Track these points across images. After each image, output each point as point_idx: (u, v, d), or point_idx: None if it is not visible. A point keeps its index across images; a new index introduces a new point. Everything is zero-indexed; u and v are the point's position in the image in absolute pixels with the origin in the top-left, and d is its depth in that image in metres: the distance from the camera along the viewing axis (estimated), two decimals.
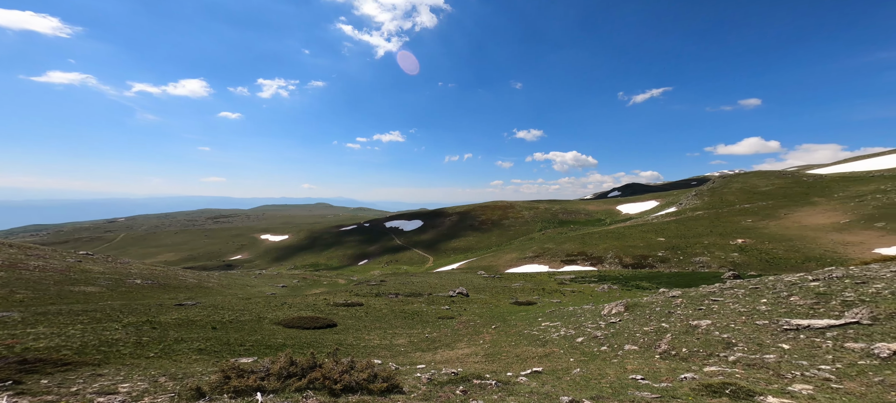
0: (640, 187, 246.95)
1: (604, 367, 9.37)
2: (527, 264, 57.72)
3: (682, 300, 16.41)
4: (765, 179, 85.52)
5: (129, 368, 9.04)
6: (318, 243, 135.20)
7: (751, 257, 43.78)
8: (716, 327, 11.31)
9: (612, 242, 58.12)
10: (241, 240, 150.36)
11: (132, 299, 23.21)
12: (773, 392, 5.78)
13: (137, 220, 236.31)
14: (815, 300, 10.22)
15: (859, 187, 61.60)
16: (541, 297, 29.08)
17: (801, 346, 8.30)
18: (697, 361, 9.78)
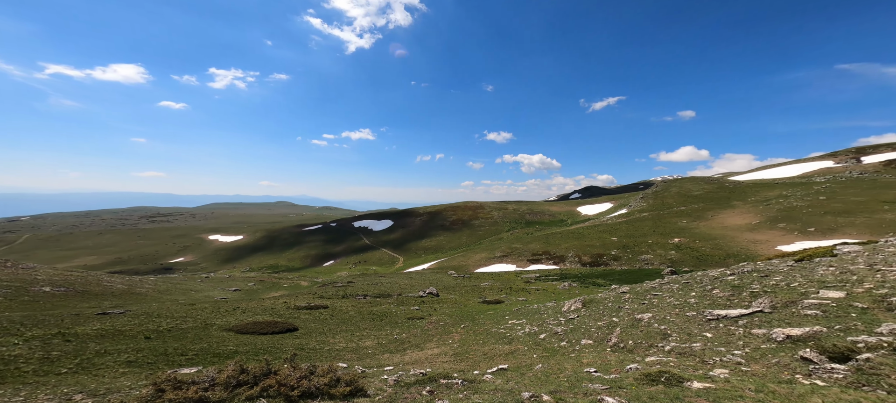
0: (597, 189, 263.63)
1: (563, 362, 10.06)
2: (496, 263, 59.29)
3: (629, 295, 17.95)
4: (697, 184, 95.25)
5: (33, 387, 7.95)
6: (278, 243, 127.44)
7: (685, 254, 48.79)
8: (655, 319, 12.57)
9: (573, 242, 61.66)
10: (184, 241, 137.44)
11: (39, 309, 20.20)
12: (697, 378, 6.64)
13: (46, 218, 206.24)
14: (730, 293, 11.78)
15: (767, 192, 71.02)
16: (508, 296, 30.07)
17: (721, 334, 9.56)
18: (641, 352, 10.83)
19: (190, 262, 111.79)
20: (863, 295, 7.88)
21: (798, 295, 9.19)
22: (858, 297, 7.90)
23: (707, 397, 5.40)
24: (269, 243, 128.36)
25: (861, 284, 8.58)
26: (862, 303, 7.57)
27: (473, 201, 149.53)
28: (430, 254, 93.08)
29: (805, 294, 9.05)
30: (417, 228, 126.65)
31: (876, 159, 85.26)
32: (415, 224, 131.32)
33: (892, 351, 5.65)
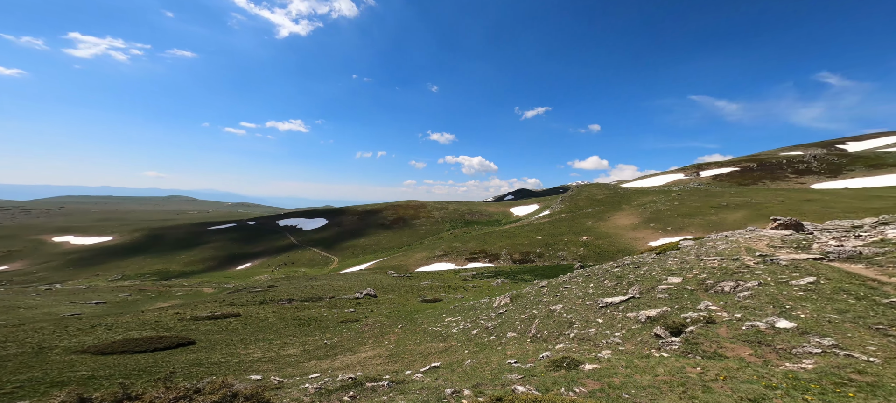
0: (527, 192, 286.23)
1: (490, 355, 10.77)
2: (436, 262, 59.99)
3: (547, 289, 20.06)
4: (600, 190, 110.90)
5: None
6: (167, 244, 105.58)
7: (590, 250, 56.55)
8: (565, 310, 14.33)
9: (506, 241, 66.13)
10: (9, 244, 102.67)
11: None
12: (589, 360, 7.83)
13: None
14: (615, 283, 14.19)
15: (643, 198, 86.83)
16: (447, 294, 30.67)
17: (608, 319, 11.37)
18: (553, 340, 12.22)
19: (19, 270, 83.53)
20: (692, 280, 10.36)
21: (655, 282, 11.59)
22: (689, 281, 10.36)
23: (594, 376, 6.46)
24: (152, 243, 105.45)
25: (691, 271, 11.24)
26: (691, 286, 9.95)
27: (415, 201, 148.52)
28: (368, 254, 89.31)
29: (659, 281, 11.45)
30: (355, 227, 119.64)
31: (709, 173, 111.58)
32: (352, 223, 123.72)
33: (706, 323, 7.59)
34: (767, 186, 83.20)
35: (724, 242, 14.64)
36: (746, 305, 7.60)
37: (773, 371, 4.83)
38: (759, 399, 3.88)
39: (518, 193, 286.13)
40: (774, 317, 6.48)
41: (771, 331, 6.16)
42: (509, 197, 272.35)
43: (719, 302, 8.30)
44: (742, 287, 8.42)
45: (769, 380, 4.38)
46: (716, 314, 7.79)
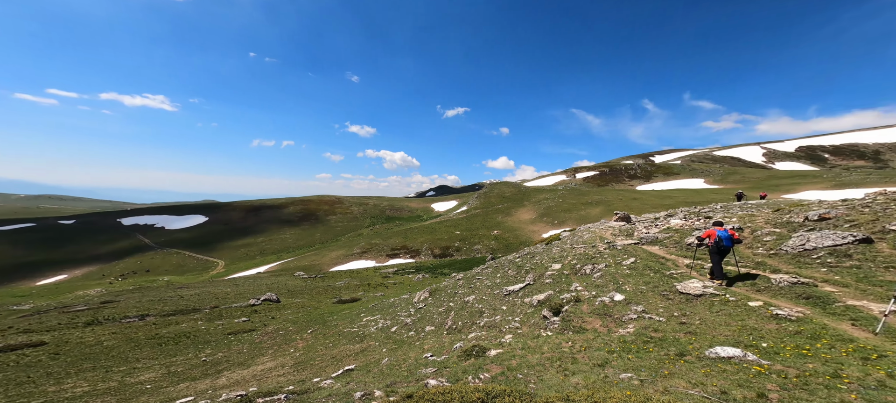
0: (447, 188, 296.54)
1: (408, 351, 10.78)
2: (354, 260, 56.73)
3: (462, 281, 21.29)
4: (509, 187, 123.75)
5: None
6: None
7: (500, 243, 62.95)
8: (477, 300, 15.49)
9: (427, 236, 67.36)
10: None
11: None
12: (494, 346, 8.64)
13: None
14: (516, 272, 16.22)
15: (539, 196, 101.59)
16: (366, 292, 29.30)
17: (511, 305, 12.77)
18: (466, 330, 13.03)
19: None
20: (567, 265, 12.67)
21: (544, 269, 13.73)
22: (566, 267, 12.65)
23: (497, 361, 7.18)
24: None
25: (567, 258, 13.75)
26: (566, 271, 12.17)
27: (331, 196, 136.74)
28: (270, 254, 78.20)
29: (546, 268, 13.61)
30: (249, 224, 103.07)
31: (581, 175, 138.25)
32: (244, 220, 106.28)
33: (575, 302, 9.37)
34: (614, 187, 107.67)
35: (588, 232, 18.36)
36: (599, 284, 9.71)
37: (612, 338, 6.32)
38: (604, 363, 5.02)
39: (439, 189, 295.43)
40: (614, 292, 8.45)
41: (611, 304, 8.03)
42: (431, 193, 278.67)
43: (583, 283, 10.38)
44: (596, 270, 10.71)
45: (610, 346, 5.71)
46: (581, 293, 9.71)
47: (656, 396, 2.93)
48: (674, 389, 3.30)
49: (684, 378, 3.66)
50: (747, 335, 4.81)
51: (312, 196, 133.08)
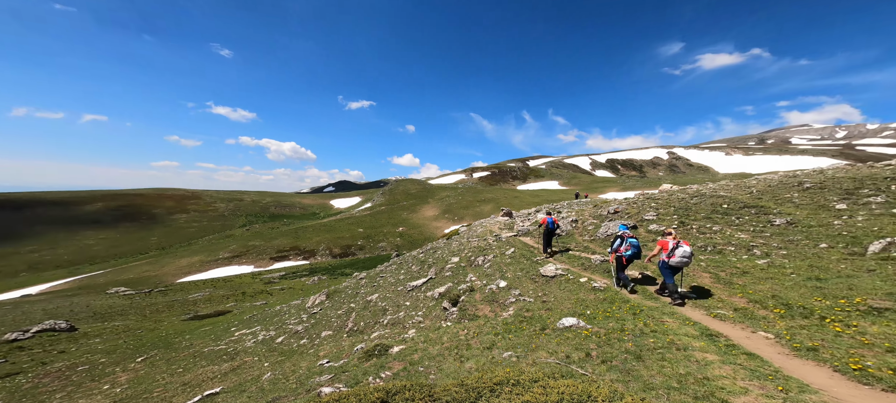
0: (349, 184, 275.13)
1: (300, 361, 9.44)
2: (220, 267, 45.77)
3: (365, 280, 20.23)
4: (414, 185, 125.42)
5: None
6: None
7: (405, 240, 63.28)
8: (381, 298, 15.04)
9: (325, 234, 60.69)
10: None
11: None
12: (397, 343, 8.55)
13: None
14: (419, 267, 16.67)
15: (442, 193, 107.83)
16: (239, 303, 24.18)
17: (414, 301, 12.99)
18: (369, 330, 12.45)
19: None
20: (464, 258, 13.89)
21: (444, 263, 14.61)
22: (463, 259, 13.84)
23: (399, 357, 7.12)
24: None
25: (463, 251, 15.09)
26: (463, 263, 13.33)
27: (179, 189, 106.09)
28: (53, 269, 54.95)
29: (447, 262, 14.54)
30: (9, 227, 69.85)
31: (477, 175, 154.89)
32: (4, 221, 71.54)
33: (469, 291, 10.34)
34: (502, 186, 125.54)
35: (481, 227, 20.68)
36: (488, 273, 11.05)
37: (498, 321, 7.26)
38: (491, 345, 5.70)
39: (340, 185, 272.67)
40: (499, 280, 9.78)
41: (498, 290, 9.25)
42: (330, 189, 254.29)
43: (476, 273, 11.60)
44: (486, 261, 12.16)
45: (496, 329, 6.54)
46: (474, 283, 10.80)
47: (527, 369, 3.52)
48: (539, 360, 4.07)
49: (545, 349, 4.57)
50: (580, 305, 6.44)
51: (145, 189, 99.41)
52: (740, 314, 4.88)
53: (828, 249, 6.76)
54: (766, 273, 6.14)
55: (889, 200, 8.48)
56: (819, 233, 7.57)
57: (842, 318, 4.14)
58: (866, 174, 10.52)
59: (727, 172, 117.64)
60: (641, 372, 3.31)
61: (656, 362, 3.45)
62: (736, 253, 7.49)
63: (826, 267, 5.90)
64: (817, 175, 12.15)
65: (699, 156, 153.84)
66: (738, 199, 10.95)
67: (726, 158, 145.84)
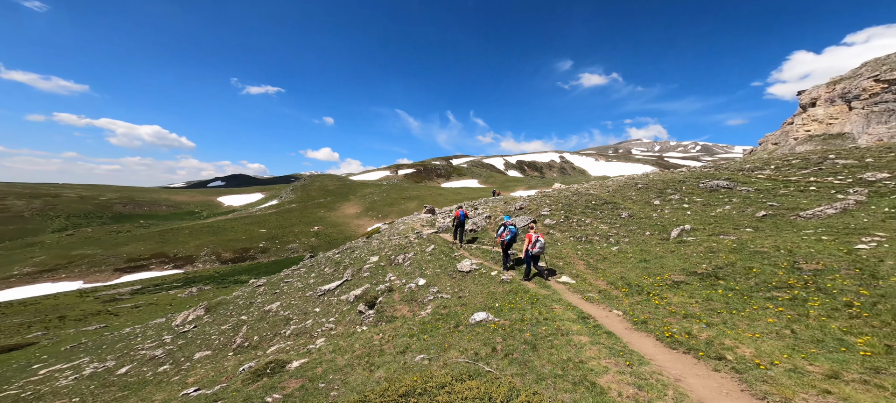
0: (247, 178, 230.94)
1: (154, 394, 7.22)
2: (20, 285, 32.02)
3: (264, 287, 17.13)
4: (332, 181, 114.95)
5: None
6: None
7: (322, 240, 56.96)
8: (283, 306, 12.94)
9: (209, 237, 48.89)
10: None
11: None
12: (300, 356, 7.38)
13: None
14: (334, 269, 15.11)
15: (365, 190, 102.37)
16: (55, 331, 17.33)
17: (326, 306, 11.65)
18: (265, 344, 10.51)
19: None
20: (384, 257, 13.29)
21: (362, 263, 13.63)
22: (383, 258, 13.21)
23: (298, 373, 6.10)
24: None
25: (383, 249, 14.43)
26: (383, 263, 12.72)
27: None
28: None
29: (365, 262, 13.60)
30: None
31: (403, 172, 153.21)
32: None
33: (388, 292, 9.88)
34: (427, 184, 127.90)
35: (403, 224, 20.30)
36: (408, 271, 10.82)
37: (415, 321, 7.10)
38: (405, 348, 5.45)
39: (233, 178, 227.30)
40: (419, 278, 9.68)
41: (417, 289, 9.12)
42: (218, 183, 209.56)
43: (396, 272, 11.21)
44: (406, 259, 11.92)
45: (412, 330, 6.35)
46: (394, 282, 10.40)
47: (437, 373, 3.45)
48: (450, 361, 4.08)
49: (457, 348, 4.64)
50: (491, 299, 6.91)
51: None
52: (602, 295, 6.04)
53: (650, 236, 8.90)
54: (617, 258, 7.75)
55: (682, 197, 11.82)
56: (645, 223, 9.96)
57: (658, 292, 5.54)
58: (670, 178, 14.80)
59: (596, 174, 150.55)
60: (535, 363, 3.65)
61: (546, 350, 3.87)
62: (599, 242, 9.29)
63: (649, 250, 7.71)
64: (644, 179, 16.45)
65: (579, 161, 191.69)
66: (601, 197, 13.66)
67: (596, 163, 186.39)
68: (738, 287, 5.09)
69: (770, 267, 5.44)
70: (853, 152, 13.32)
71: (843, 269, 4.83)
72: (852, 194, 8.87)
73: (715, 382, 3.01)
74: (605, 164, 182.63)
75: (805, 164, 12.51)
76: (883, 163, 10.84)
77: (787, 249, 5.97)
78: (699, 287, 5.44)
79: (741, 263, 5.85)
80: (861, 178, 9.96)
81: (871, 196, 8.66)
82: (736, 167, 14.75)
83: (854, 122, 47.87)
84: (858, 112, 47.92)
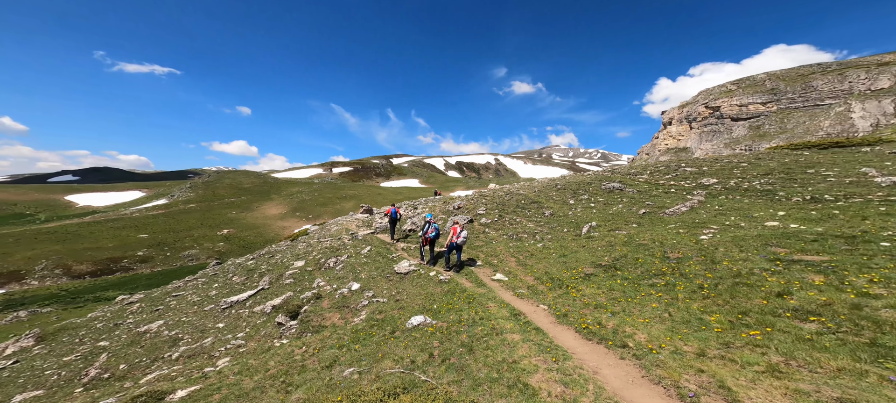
0: (116, 173, 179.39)
1: None
2: None
3: (140, 304, 13.32)
4: (247, 177, 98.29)
5: None
6: None
7: (234, 244, 47.68)
8: (167, 325, 10.21)
9: (52, 246, 35.90)
10: None
11: None
12: (187, 383, 5.78)
13: None
14: (246, 277, 12.69)
15: (292, 188, 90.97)
16: None
17: (232, 320, 9.67)
18: (138, 373, 8.07)
19: None
20: (311, 261, 11.80)
21: (284, 269, 11.83)
22: (310, 263, 11.71)
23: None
24: None
25: (312, 253, 12.87)
26: (310, 267, 11.27)
27: None
28: None
29: (288, 267, 11.83)
30: None
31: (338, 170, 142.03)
32: None
33: (316, 299, 8.74)
34: (365, 183, 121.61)
35: (335, 225, 18.57)
36: (340, 276, 9.83)
37: (347, 329, 6.38)
38: (333, 362, 4.79)
39: (93, 173, 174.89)
40: (352, 282, 8.86)
41: (350, 294, 8.31)
42: (67, 178, 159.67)
43: (326, 277, 10.05)
44: (339, 262, 10.84)
45: (343, 340, 5.66)
46: (323, 288, 9.27)
47: (368, 388, 3.06)
48: (383, 372, 3.70)
49: (392, 357, 4.27)
50: (429, 300, 6.73)
51: None
52: (531, 290, 6.45)
53: (567, 232, 9.84)
54: (542, 254, 8.39)
55: (590, 197, 13.50)
56: (563, 221, 11.03)
57: (574, 285, 6.19)
58: (581, 181, 17.19)
59: (525, 176, 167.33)
60: (472, 367, 3.57)
61: (483, 352, 3.84)
62: (528, 239, 9.94)
63: (567, 246, 8.59)
64: (562, 181, 18.74)
65: (511, 163, 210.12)
66: (529, 197, 14.79)
67: (524, 165, 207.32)
68: (631, 277, 5.98)
69: (650, 258, 6.60)
70: (695, 161, 17.57)
71: (694, 256, 6.15)
72: (696, 196, 11.44)
73: (623, 371, 3.21)
74: (531, 167, 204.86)
75: (667, 170, 15.87)
76: (713, 170, 14.51)
77: (660, 241, 7.39)
78: (604, 278, 6.15)
79: (631, 254, 6.96)
80: (700, 182, 12.92)
81: (708, 197, 11.21)
82: (625, 172, 17.78)
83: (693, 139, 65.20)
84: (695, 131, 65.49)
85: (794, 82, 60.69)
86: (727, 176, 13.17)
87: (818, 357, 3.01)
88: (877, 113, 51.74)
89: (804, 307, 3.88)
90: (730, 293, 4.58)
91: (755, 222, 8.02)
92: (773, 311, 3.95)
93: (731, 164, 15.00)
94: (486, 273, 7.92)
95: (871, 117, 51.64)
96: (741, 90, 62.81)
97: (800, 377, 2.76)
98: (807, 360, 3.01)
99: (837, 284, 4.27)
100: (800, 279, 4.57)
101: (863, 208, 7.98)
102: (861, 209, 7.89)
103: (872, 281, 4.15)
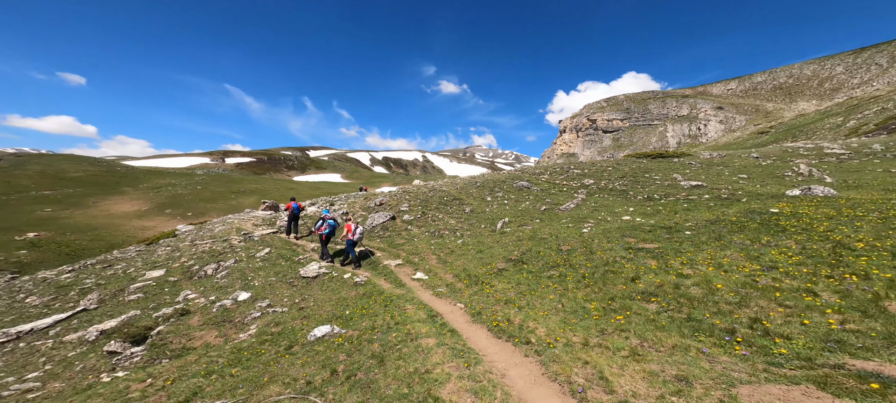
0: None
1: None
2: None
3: None
4: (76, 164, 69.65)
5: None
6: None
7: (47, 252, 32.37)
8: None
9: None
10: None
11: None
12: None
13: None
14: (53, 296, 8.58)
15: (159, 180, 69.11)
16: None
17: (18, 357, 6.42)
18: None
19: None
20: (177, 269, 8.95)
21: (129, 281, 8.56)
22: (173, 271, 8.85)
23: None
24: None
25: (180, 259, 9.80)
26: (174, 277, 8.51)
27: None
28: None
29: (135, 279, 8.61)
30: None
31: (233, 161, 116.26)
32: None
33: (180, 316, 6.59)
34: (272, 176, 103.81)
35: (222, 224, 14.87)
36: (222, 285, 7.75)
37: (225, 350, 4.94)
38: (193, 394, 3.55)
39: None
40: (239, 291, 7.08)
41: (235, 306, 6.60)
42: None
43: (200, 288, 7.74)
44: (222, 268, 8.58)
45: (213, 365, 4.32)
46: (193, 301, 7.09)
47: None
48: (266, 401, 2.87)
49: (282, 379, 3.43)
50: (340, 306, 5.92)
51: None
52: (449, 289, 6.36)
53: (484, 228, 10.19)
54: (462, 251, 8.46)
55: (504, 194, 14.38)
56: (481, 217, 11.43)
57: (488, 281, 6.40)
58: (498, 179, 18.60)
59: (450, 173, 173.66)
60: (380, 383, 3.13)
61: (394, 362, 3.44)
62: (449, 236, 9.94)
63: (483, 241, 8.84)
64: (482, 178, 19.91)
65: (438, 160, 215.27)
66: (451, 194, 15.02)
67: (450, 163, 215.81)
68: (534, 270, 6.31)
69: (548, 250, 7.38)
70: (580, 165, 21.22)
71: (579, 248, 7.14)
72: (580, 194, 13.23)
73: (527, 369, 3.15)
74: (457, 165, 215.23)
75: (562, 171, 18.60)
76: (592, 173, 17.33)
77: (555, 235, 8.38)
78: (513, 273, 6.38)
79: (534, 248, 7.64)
80: (583, 182, 15.17)
81: (588, 195, 13.05)
82: (531, 172, 19.76)
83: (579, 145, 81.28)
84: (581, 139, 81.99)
85: (639, 104, 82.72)
86: (599, 177, 15.77)
87: (660, 337, 3.32)
88: (679, 134, 76.31)
89: (648, 289, 4.36)
90: (603, 280, 4.95)
91: (616, 216, 9.53)
92: (629, 295, 4.31)
93: (602, 168, 18.22)
94: (407, 272, 7.53)
95: (677, 136, 75.70)
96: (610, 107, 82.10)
97: (651, 358, 2.96)
98: (653, 341, 3.28)
99: (665, 267, 4.90)
100: (644, 264, 5.16)
101: (675, 205, 9.64)
102: (674, 206, 9.55)
103: (683, 263, 4.90)
